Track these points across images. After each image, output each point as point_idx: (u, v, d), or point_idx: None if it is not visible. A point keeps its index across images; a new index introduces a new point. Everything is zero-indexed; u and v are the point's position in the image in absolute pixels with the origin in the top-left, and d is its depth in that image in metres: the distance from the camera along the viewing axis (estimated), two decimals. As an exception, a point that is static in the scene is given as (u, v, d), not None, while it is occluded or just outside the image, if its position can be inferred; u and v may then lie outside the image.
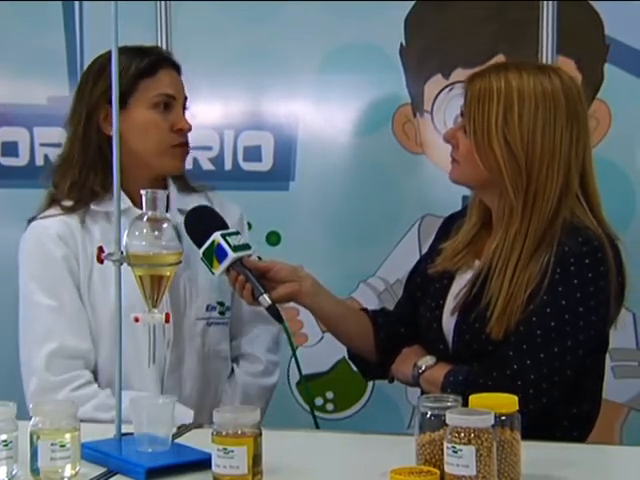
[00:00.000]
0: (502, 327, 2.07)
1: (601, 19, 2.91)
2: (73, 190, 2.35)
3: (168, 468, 1.78)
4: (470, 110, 2.14)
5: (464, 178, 2.21)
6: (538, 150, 2.09)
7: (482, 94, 2.12)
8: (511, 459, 1.66)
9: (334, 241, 3.11)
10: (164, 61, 2.39)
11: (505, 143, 2.10)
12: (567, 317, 2.05)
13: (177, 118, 2.37)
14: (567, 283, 2.06)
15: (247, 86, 3.14)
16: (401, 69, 3.05)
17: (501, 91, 2.11)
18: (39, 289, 2.32)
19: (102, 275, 2.31)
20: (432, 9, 3.02)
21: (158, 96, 2.35)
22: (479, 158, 2.13)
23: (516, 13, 2.95)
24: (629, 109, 2.93)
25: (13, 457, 1.72)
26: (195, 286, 2.39)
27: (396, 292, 2.93)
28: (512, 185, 2.10)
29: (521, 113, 2.09)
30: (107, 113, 2.31)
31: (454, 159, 2.21)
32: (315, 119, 3.11)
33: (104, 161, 2.32)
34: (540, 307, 2.05)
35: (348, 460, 1.93)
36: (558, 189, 2.10)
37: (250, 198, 3.02)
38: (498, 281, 2.09)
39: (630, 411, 2.96)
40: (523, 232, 2.10)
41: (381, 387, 3.01)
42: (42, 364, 2.27)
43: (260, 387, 2.49)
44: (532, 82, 2.11)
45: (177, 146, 2.37)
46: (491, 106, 2.10)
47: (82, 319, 2.32)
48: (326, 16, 3.06)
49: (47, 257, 2.32)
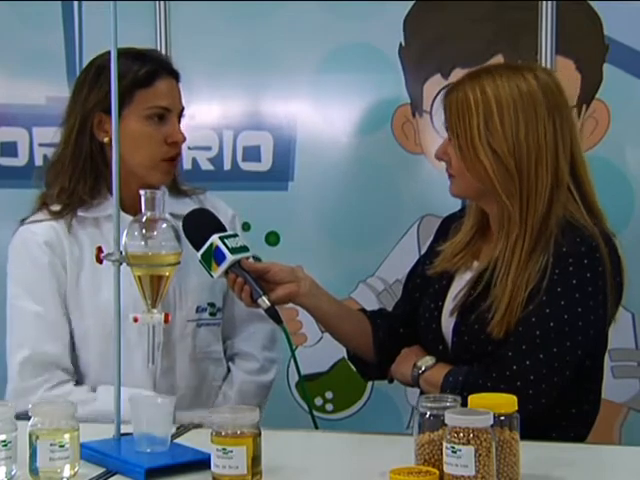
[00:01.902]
0: (503, 327, 2.07)
1: (600, 19, 2.91)
2: (62, 196, 2.35)
3: (167, 468, 1.78)
4: (452, 126, 2.14)
5: (463, 192, 2.22)
6: (524, 150, 2.10)
7: (460, 107, 2.12)
8: (510, 459, 1.66)
9: (333, 241, 3.11)
10: (162, 70, 2.35)
11: (492, 152, 2.10)
12: (566, 317, 2.05)
13: (171, 130, 2.33)
14: (566, 283, 2.06)
15: (246, 86, 3.14)
16: (400, 69, 3.05)
17: (478, 102, 2.10)
18: (23, 293, 2.33)
19: (92, 279, 2.32)
20: (431, 9, 3.02)
21: (153, 108, 2.31)
22: (468, 171, 2.13)
23: (515, 13, 2.95)
24: (628, 109, 2.93)
25: (12, 457, 1.72)
26: (185, 288, 2.39)
27: (395, 292, 2.93)
28: (505, 192, 2.10)
29: (502, 119, 2.09)
30: (101, 120, 2.32)
31: (450, 174, 2.21)
32: (314, 119, 3.11)
33: (94, 168, 2.34)
34: (539, 307, 2.05)
35: (347, 460, 1.94)
36: (549, 183, 2.11)
37: (249, 198, 3.02)
38: (502, 285, 2.10)
39: (629, 411, 2.96)
40: (522, 235, 2.11)
41: (380, 387, 3.01)
42: (15, 371, 2.30)
43: (257, 384, 2.49)
44: (507, 86, 2.11)
45: (169, 159, 2.35)
46: (471, 119, 2.10)
47: (61, 325, 2.32)
48: (325, 16, 3.06)
49: (33, 263, 2.33)
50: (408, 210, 3.06)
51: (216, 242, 2.17)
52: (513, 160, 2.10)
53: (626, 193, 2.92)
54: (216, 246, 2.17)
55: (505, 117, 2.09)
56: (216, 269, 2.18)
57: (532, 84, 2.12)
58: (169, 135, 2.33)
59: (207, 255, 2.17)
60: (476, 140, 2.10)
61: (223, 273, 2.18)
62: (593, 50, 2.93)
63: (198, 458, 1.79)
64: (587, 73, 2.91)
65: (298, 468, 1.82)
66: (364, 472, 1.78)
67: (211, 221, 2.25)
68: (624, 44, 2.91)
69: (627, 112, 2.93)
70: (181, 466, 1.79)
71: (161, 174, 2.35)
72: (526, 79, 2.12)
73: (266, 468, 1.71)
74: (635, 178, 2.93)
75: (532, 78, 2.13)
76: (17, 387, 2.29)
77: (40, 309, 2.30)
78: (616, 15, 2.90)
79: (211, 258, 2.17)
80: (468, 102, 2.11)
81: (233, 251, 2.17)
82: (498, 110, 2.10)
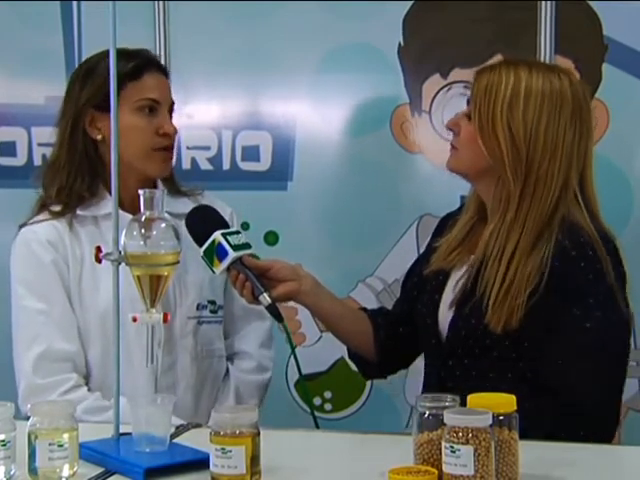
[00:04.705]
0: (501, 319, 2.06)
1: (599, 19, 2.91)
2: (60, 195, 2.36)
3: (166, 468, 1.77)
4: (477, 98, 2.16)
5: (462, 165, 2.21)
6: (540, 144, 2.11)
7: (490, 85, 2.14)
8: (509, 459, 1.66)
9: (332, 241, 3.11)
10: (150, 64, 2.38)
11: (509, 131, 2.12)
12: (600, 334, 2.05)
13: (162, 121, 2.36)
14: (586, 303, 2.06)
15: (245, 86, 3.14)
16: (399, 69, 3.05)
17: (509, 83, 2.13)
18: (28, 293, 2.33)
19: (92, 277, 2.32)
20: (430, 9, 3.02)
21: (142, 100, 2.34)
22: (482, 142, 2.14)
23: (514, 13, 2.96)
24: (627, 109, 2.93)
25: (11, 457, 1.72)
26: (185, 285, 2.39)
27: (394, 292, 2.93)
28: (512, 172, 2.11)
29: (526, 105, 2.12)
30: (93, 117, 2.33)
31: (453, 147, 2.22)
32: (313, 119, 3.11)
33: (91, 165, 2.35)
34: (575, 324, 2.05)
35: (346, 460, 1.93)
36: (559, 184, 2.12)
37: (248, 198, 3.03)
38: (493, 270, 2.09)
39: (628, 411, 2.96)
40: (520, 220, 2.11)
41: (379, 387, 3.01)
42: (30, 367, 2.28)
43: (254, 383, 2.49)
44: (540, 79, 2.13)
45: (161, 149, 2.36)
46: (498, 95, 2.13)
47: (71, 322, 2.32)
48: (325, 16, 3.07)
49: (36, 262, 2.34)
50: (407, 210, 3.06)
51: (219, 238, 2.17)
52: (527, 148, 2.11)
53: (625, 193, 2.93)
54: (218, 242, 2.17)
55: (530, 105, 2.11)
56: (218, 265, 2.18)
57: (565, 85, 2.14)
58: (160, 126, 2.35)
59: (209, 251, 2.18)
60: (497, 114, 2.12)
61: (225, 269, 2.19)
62: (592, 50, 2.93)
63: (197, 458, 1.79)
64: (586, 73, 2.91)
65: (297, 468, 1.81)
66: (363, 472, 1.77)
67: (214, 218, 2.26)
68: (623, 44, 2.91)
69: (626, 112, 2.93)
70: (180, 466, 1.78)
71: (156, 164, 2.36)
72: (560, 79, 2.15)
73: (265, 468, 1.71)
74: (634, 178, 2.93)
75: (566, 80, 2.15)
76: (31, 384, 2.27)
77: (47, 307, 2.30)
78: (615, 15, 2.91)
79: (213, 254, 2.18)
80: (499, 81, 2.14)
81: (235, 248, 2.17)
82: (525, 96, 2.12)
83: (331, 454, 1.97)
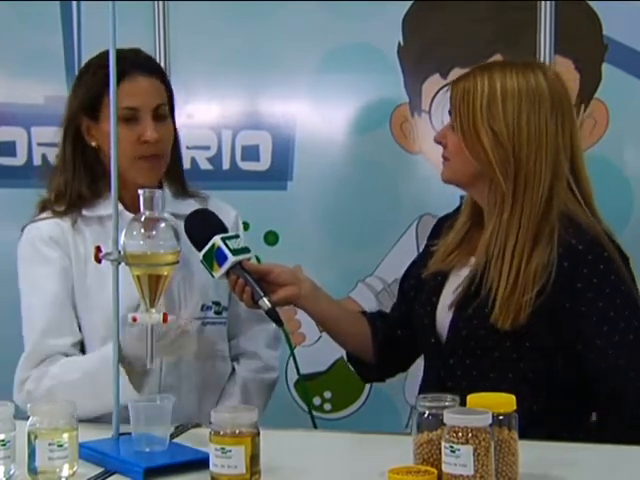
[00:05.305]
0: (509, 317, 2.06)
1: (599, 19, 2.91)
2: (63, 196, 2.36)
3: (166, 468, 1.78)
4: (456, 107, 2.17)
5: (455, 175, 2.22)
6: (524, 138, 2.12)
7: (466, 91, 2.16)
8: (509, 458, 1.66)
9: (332, 241, 3.11)
10: (130, 69, 2.29)
11: (492, 133, 2.12)
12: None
13: (143, 129, 2.30)
14: (608, 297, 2.07)
15: (245, 86, 3.14)
16: (399, 69, 3.05)
17: (484, 87, 2.14)
18: (32, 290, 2.33)
19: (97, 276, 2.31)
20: (430, 9, 3.02)
21: (121, 110, 2.23)
22: (467, 150, 2.15)
23: (514, 13, 2.95)
24: (627, 109, 2.93)
25: (11, 457, 1.72)
26: (190, 286, 2.39)
27: (394, 292, 2.92)
28: (501, 172, 2.12)
29: (505, 105, 2.13)
30: (88, 125, 2.33)
31: (445, 158, 2.22)
32: (313, 119, 3.11)
33: (92, 168, 2.34)
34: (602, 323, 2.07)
35: (346, 460, 1.93)
36: (548, 175, 2.12)
37: (248, 198, 3.02)
38: (496, 269, 2.10)
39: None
40: (516, 218, 2.11)
41: (379, 387, 3.01)
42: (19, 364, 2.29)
43: (261, 383, 2.48)
44: (515, 78, 2.15)
45: (145, 158, 2.31)
46: (475, 100, 2.14)
47: (71, 321, 2.32)
48: (325, 16, 3.06)
49: (40, 258, 2.33)
50: (407, 210, 3.06)
51: (218, 243, 2.17)
52: (512, 144, 2.12)
53: (625, 193, 2.92)
54: (218, 247, 2.17)
55: (508, 103, 2.12)
56: (217, 270, 2.18)
57: (540, 80, 2.15)
58: (141, 134, 2.30)
59: (209, 256, 2.18)
60: (478, 119, 2.13)
61: (224, 274, 2.19)
62: (592, 50, 2.93)
63: (197, 458, 1.79)
64: (586, 73, 2.92)
65: (297, 468, 1.81)
66: (363, 472, 1.78)
67: (213, 222, 2.25)
68: (623, 44, 2.91)
69: (626, 112, 2.93)
70: (180, 466, 1.79)
71: (140, 172, 2.31)
72: (535, 75, 2.16)
73: (265, 467, 1.71)
74: (634, 178, 2.93)
75: (541, 75, 2.16)
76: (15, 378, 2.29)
77: (49, 304, 2.30)
78: (615, 15, 2.90)
79: (213, 259, 2.18)
80: (475, 87, 2.15)
81: (235, 252, 2.17)
82: (502, 96, 2.13)
83: (331, 454, 1.97)
